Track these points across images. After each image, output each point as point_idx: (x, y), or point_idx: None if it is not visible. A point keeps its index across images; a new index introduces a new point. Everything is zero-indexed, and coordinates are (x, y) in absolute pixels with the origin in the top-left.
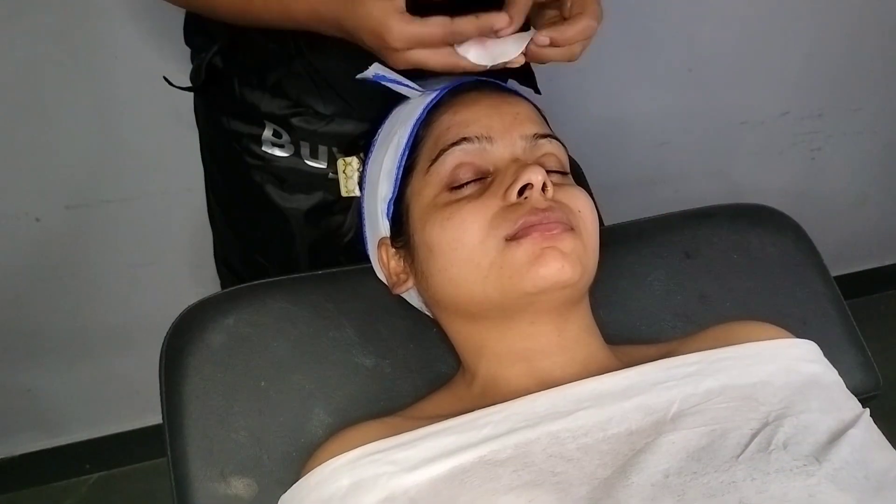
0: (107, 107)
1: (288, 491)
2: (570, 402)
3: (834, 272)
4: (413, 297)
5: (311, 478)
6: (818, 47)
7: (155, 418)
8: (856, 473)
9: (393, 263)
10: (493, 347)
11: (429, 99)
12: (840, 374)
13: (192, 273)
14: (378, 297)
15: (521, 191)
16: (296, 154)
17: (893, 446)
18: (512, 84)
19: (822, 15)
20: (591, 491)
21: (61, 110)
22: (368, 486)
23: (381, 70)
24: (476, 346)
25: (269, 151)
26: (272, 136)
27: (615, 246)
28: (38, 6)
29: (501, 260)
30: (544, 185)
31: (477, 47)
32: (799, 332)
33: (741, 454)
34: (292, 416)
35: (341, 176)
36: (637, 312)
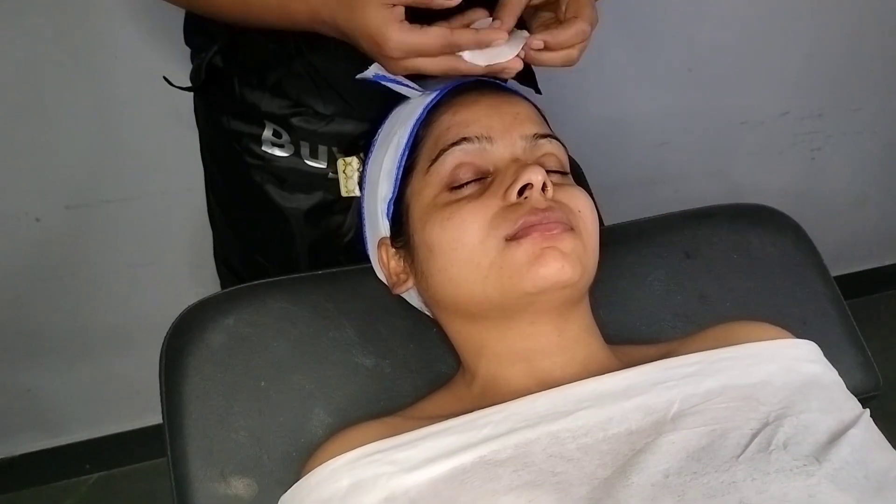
0: (107, 107)
1: (288, 491)
2: (571, 402)
3: (834, 272)
4: (413, 297)
5: (311, 478)
6: (818, 47)
7: (155, 418)
8: (856, 473)
9: (393, 263)
10: (493, 347)
11: (429, 99)
12: (840, 374)
13: (192, 273)
14: (378, 297)
15: (521, 191)
16: (296, 154)
17: (893, 446)
18: (512, 84)
19: (822, 15)
20: (591, 491)
21: (61, 110)
22: (368, 486)
23: (380, 70)
24: (476, 346)
25: (269, 151)
26: (272, 135)
27: (615, 246)
28: (38, 6)
29: (501, 260)
30: (544, 185)
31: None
32: (799, 332)
33: (741, 454)
34: (292, 416)
35: (341, 176)
36: (637, 312)
